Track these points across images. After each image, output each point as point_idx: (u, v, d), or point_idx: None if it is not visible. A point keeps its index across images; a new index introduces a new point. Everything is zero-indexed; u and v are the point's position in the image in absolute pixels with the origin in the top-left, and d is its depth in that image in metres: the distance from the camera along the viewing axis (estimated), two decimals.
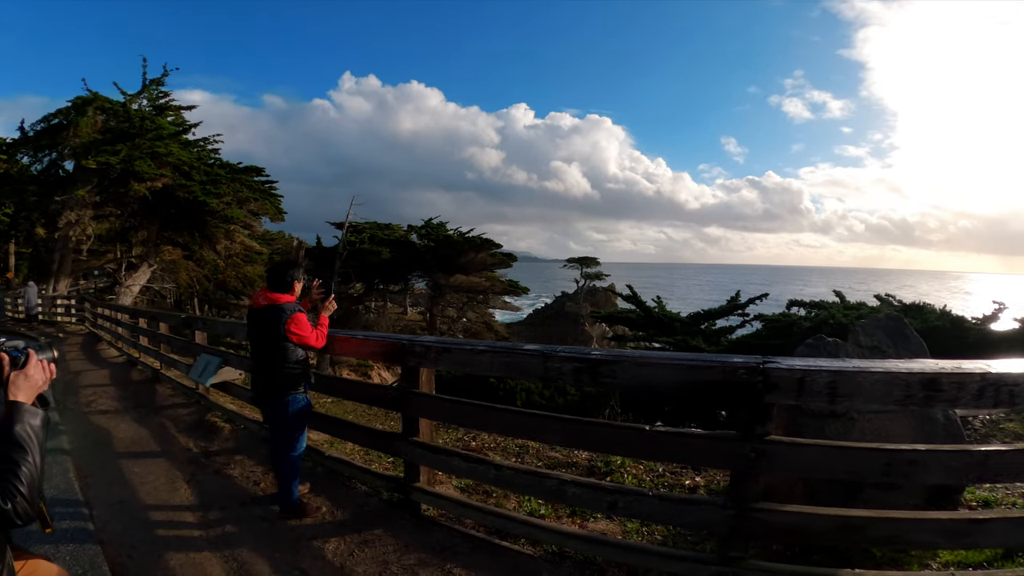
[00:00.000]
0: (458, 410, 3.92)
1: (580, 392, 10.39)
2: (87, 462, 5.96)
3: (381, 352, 4.63)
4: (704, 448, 2.84)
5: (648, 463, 4.99)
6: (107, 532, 4.29)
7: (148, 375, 10.61)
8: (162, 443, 6.59)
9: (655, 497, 2.94)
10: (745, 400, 2.67)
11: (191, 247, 27.30)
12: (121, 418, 7.76)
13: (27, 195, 26.04)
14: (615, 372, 2.90)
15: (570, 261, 64.31)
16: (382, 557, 3.66)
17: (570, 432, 3.20)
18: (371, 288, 36.98)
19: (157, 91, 25.73)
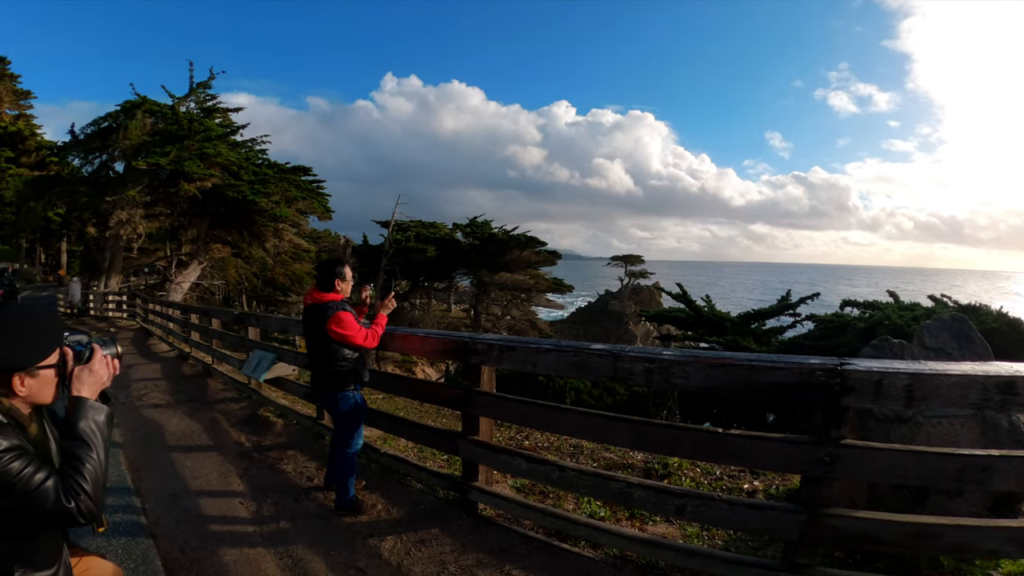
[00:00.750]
0: (521, 410, 3.84)
1: (629, 392, 10.32)
2: (140, 455, 6.04)
3: (442, 350, 4.55)
4: (778, 452, 2.75)
5: (705, 466, 4.88)
6: (160, 526, 4.32)
7: (200, 370, 10.82)
8: (214, 437, 6.64)
9: (724, 501, 2.85)
10: (821, 402, 2.57)
11: (240, 245, 27.95)
12: (173, 412, 7.87)
13: (78, 196, 26.89)
14: (688, 373, 2.82)
15: (614, 259, 64.15)
16: (439, 557, 3.62)
17: (636, 434, 3.11)
18: (416, 285, 37.32)
19: (204, 94, 26.45)
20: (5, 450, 1.56)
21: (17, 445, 1.60)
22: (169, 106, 25.20)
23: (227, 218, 26.38)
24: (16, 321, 1.73)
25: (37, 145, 39.91)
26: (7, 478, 1.54)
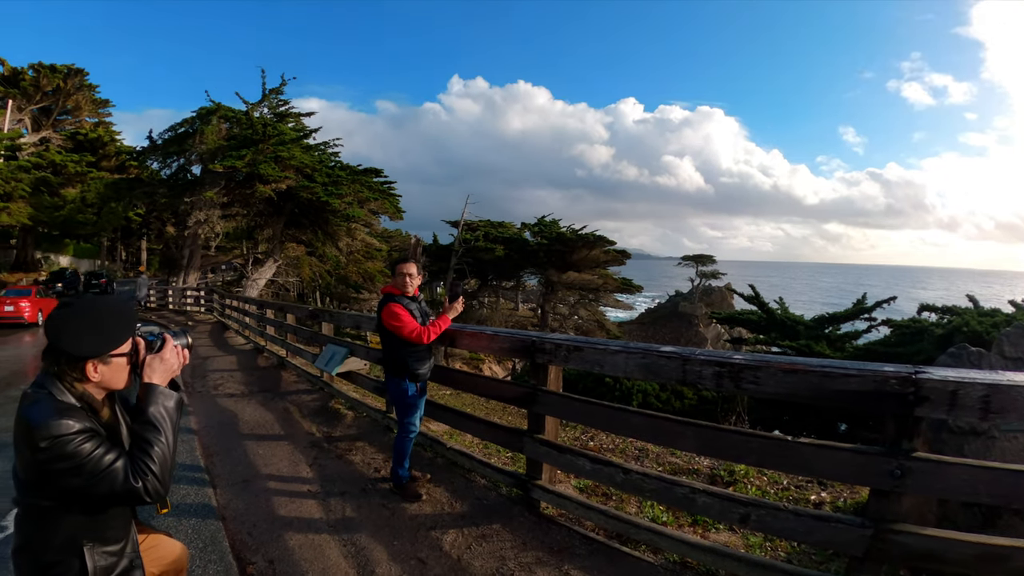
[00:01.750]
0: (587, 410, 3.82)
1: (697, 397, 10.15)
2: (213, 442, 6.28)
3: (510, 348, 4.54)
4: (847, 462, 2.64)
5: (772, 475, 4.75)
6: (229, 509, 4.48)
7: (274, 362, 11.19)
8: (286, 427, 6.84)
9: (790, 511, 2.77)
10: (893, 412, 2.48)
11: (314, 244, 28.81)
12: (247, 402, 8.15)
13: (157, 197, 28.30)
14: (759, 378, 2.76)
15: (684, 259, 62.61)
16: (499, 553, 3.64)
17: (705, 439, 3.06)
18: (484, 284, 37.53)
19: (276, 99, 27.52)
20: (77, 432, 1.67)
21: (89, 428, 1.72)
22: (243, 111, 26.31)
23: (302, 218, 27.27)
24: (89, 313, 1.84)
25: (117, 150, 42.35)
26: (78, 458, 1.65)
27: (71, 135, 42.73)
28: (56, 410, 1.69)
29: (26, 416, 1.68)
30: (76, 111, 44.73)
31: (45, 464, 1.65)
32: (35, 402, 1.72)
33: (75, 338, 1.77)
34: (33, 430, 1.64)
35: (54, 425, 1.65)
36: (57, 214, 31.87)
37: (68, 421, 1.67)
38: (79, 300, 1.87)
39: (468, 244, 32.17)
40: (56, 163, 34.60)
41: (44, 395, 1.74)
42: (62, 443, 1.64)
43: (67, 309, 1.83)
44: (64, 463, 1.65)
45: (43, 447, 1.63)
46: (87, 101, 44.61)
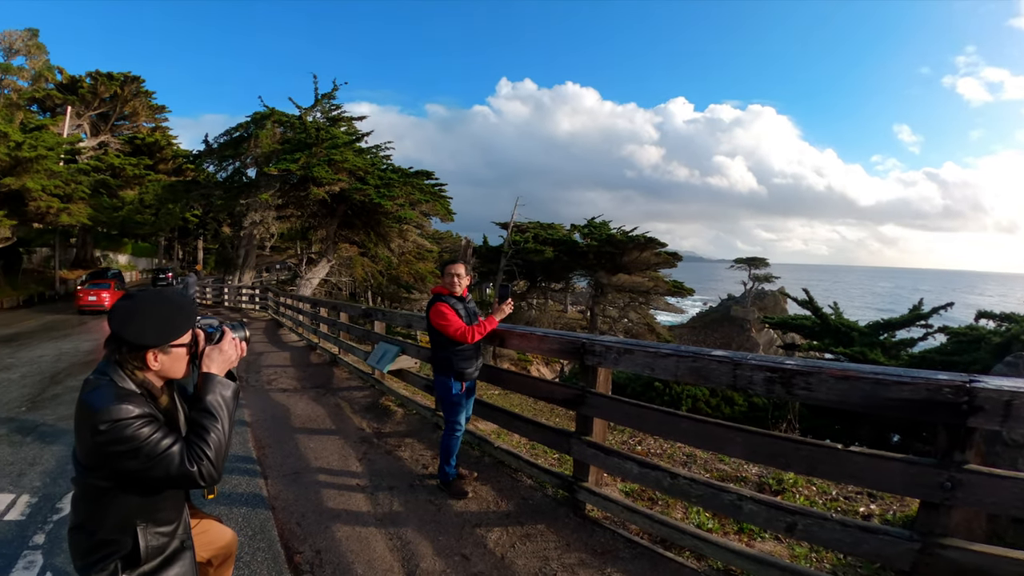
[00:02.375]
0: (636, 413, 3.77)
1: (748, 403, 9.99)
2: (266, 435, 6.45)
3: (560, 349, 4.52)
4: (897, 472, 2.57)
5: (821, 484, 4.65)
6: (279, 500, 4.61)
7: (326, 359, 11.41)
8: (337, 422, 6.98)
9: (837, 522, 2.70)
10: (946, 422, 2.41)
11: (367, 245, 29.37)
12: (299, 396, 8.33)
13: (214, 198, 29.22)
14: (811, 384, 2.71)
15: (737, 261, 61.54)
16: (543, 553, 3.65)
17: (753, 445, 3.01)
18: (534, 285, 37.54)
19: (329, 104, 28.22)
20: (136, 417, 1.74)
21: (148, 413, 1.79)
22: (296, 116, 27.00)
23: (354, 219, 27.85)
24: (152, 304, 1.92)
25: (173, 154, 43.79)
26: (136, 442, 1.72)
27: (129, 139, 44.35)
28: (116, 395, 1.77)
29: (87, 401, 1.76)
30: (133, 116, 46.50)
31: (104, 447, 1.72)
32: (96, 388, 1.79)
33: (138, 328, 1.85)
34: (94, 414, 1.72)
35: (114, 410, 1.72)
36: (116, 215, 32.96)
37: (127, 406, 1.75)
38: (142, 292, 1.96)
39: (517, 246, 32.29)
40: (115, 166, 36.02)
41: (105, 381, 1.81)
42: (121, 427, 1.71)
43: (131, 300, 1.92)
44: (122, 446, 1.72)
45: (103, 430, 1.70)
46: (144, 107, 46.32)
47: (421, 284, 32.34)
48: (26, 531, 4.13)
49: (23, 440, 6.28)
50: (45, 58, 45.68)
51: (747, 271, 59.97)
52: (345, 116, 29.14)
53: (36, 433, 6.56)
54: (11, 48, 44.04)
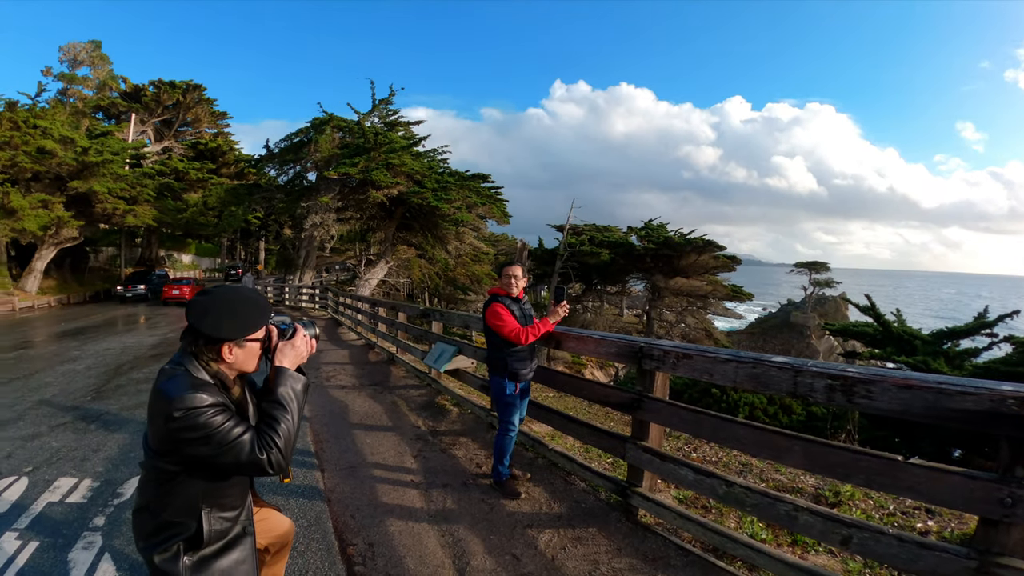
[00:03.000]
0: (693, 418, 3.72)
1: (806, 413, 9.76)
2: (324, 429, 6.61)
3: (617, 353, 4.48)
4: (957, 486, 2.48)
5: (878, 499, 4.52)
6: (335, 493, 4.72)
7: (384, 357, 11.64)
8: (393, 419, 7.10)
9: (894, 536, 2.62)
10: (1008, 435, 2.33)
11: (424, 247, 29.92)
12: (357, 393, 8.50)
13: (275, 201, 30.13)
14: (872, 393, 2.65)
15: (797, 266, 60.34)
16: (593, 556, 3.65)
17: (812, 454, 2.95)
18: (589, 288, 37.38)
19: (386, 109, 28.83)
20: (209, 405, 1.82)
21: (221, 402, 1.87)
22: (355, 121, 27.65)
23: (412, 222, 28.35)
24: (229, 300, 1.99)
25: (235, 158, 45.45)
26: (208, 429, 1.81)
27: (192, 145, 46.16)
28: (191, 385, 1.84)
29: (163, 389, 1.84)
30: (196, 123, 48.43)
31: (177, 433, 1.80)
32: (172, 377, 1.87)
33: (215, 322, 1.93)
34: (169, 402, 1.80)
35: (188, 398, 1.80)
36: (180, 216, 34.30)
37: (202, 395, 1.83)
38: (220, 288, 2.03)
39: (573, 248, 32.21)
40: (178, 170, 37.46)
41: (181, 371, 1.90)
42: (195, 415, 1.79)
43: (208, 296, 1.99)
44: (195, 433, 1.80)
45: (177, 417, 1.78)
46: (206, 113, 48.17)
47: (477, 286, 32.62)
48: (87, 513, 4.33)
49: (87, 427, 6.59)
50: (109, 68, 48.04)
51: (807, 276, 58.55)
52: (402, 121, 29.68)
53: (100, 421, 6.87)
54: (75, 59, 46.46)
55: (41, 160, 24.73)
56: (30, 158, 24.35)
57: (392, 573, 3.51)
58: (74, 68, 46.87)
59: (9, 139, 24.32)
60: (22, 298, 24.74)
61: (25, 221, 23.91)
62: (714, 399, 10.22)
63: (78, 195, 26.71)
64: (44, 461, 5.47)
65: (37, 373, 9.96)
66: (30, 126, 25.31)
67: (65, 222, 25.79)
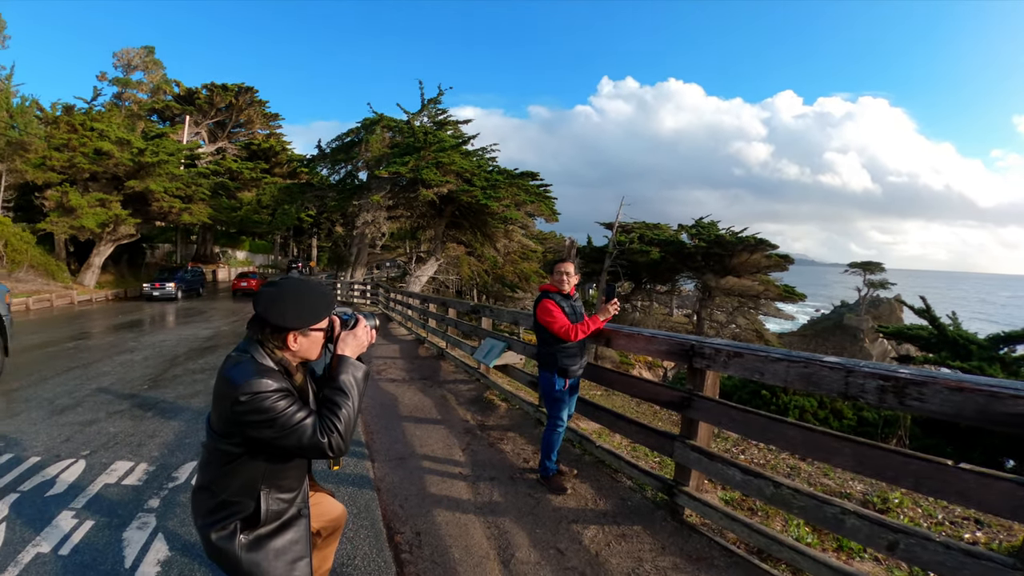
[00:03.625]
0: (743, 418, 3.67)
1: (857, 418, 9.56)
2: (375, 421, 6.75)
3: (668, 351, 4.45)
4: (1006, 494, 2.41)
5: (927, 507, 4.46)
6: (384, 482, 4.83)
7: (434, 352, 11.77)
8: (442, 412, 7.20)
9: (940, 543, 2.56)
10: None
11: (473, 245, 30.14)
12: (407, 387, 8.65)
13: (327, 200, 30.82)
14: (924, 395, 2.61)
15: (851, 266, 58.37)
16: (637, 554, 3.66)
17: (862, 456, 2.90)
18: (638, 287, 37.08)
19: (435, 109, 29.20)
20: (274, 390, 1.90)
21: (284, 387, 1.95)
22: (404, 121, 28.06)
23: (462, 220, 28.63)
24: (295, 291, 2.07)
25: (288, 158, 46.56)
26: (272, 413, 1.88)
27: (245, 145, 47.48)
28: (256, 371, 1.92)
29: (229, 375, 1.92)
30: (248, 124, 49.63)
31: (242, 416, 1.88)
32: (238, 363, 1.96)
33: (282, 312, 2.00)
34: (235, 387, 1.87)
35: (254, 383, 1.88)
36: (234, 214, 35.31)
37: (266, 380, 1.90)
38: (287, 280, 2.10)
39: (622, 246, 32.02)
40: (232, 170, 38.54)
41: (247, 358, 1.98)
42: (260, 399, 1.87)
43: (276, 287, 2.06)
44: (259, 416, 1.88)
45: (243, 401, 1.86)
46: (258, 115, 49.37)
47: (525, 283, 32.65)
48: (142, 495, 4.51)
49: (144, 415, 6.85)
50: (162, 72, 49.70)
51: (861, 276, 56.72)
52: (451, 120, 29.99)
53: (156, 409, 7.13)
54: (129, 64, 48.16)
55: (98, 161, 25.80)
56: (87, 159, 25.43)
57: (438, 562, 3.57)
58: (128, 73, 48.64)
59: (67, 141, 25.52)
60: (80, 292, 25.70)
61: (83, 219, 24.89)
62: (764, 401, 10.09)
63: (135, 194, 27.74)
64: (101, 445, 5.70)
65: (95, 363, 10.33)
66: (87, 129, 26.46)
67: (122, 220, 26.79)
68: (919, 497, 4.61)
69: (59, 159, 24.96)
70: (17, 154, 24.74)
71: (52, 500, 4.40)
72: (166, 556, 3.60)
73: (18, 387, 8.15)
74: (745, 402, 9.81)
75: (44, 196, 25.12)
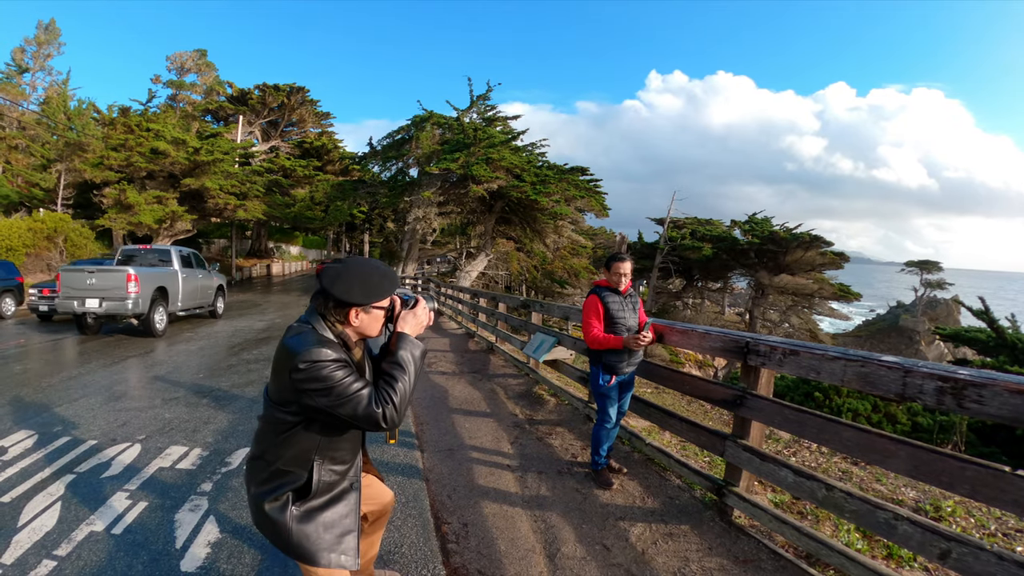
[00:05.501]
0: (797, 418, 3.60)
1: (911, 423, 9.31)
2: (424, 413, 6.87)
3: (722, 348, 4.38)
4: None
5: (980, 518, 4.33)
6: (433, 473, 4.92)
7: (483, 346, 11.96)
8: (491, 406, 7.28)
9: (993, 554, 2.51)
10: None
11: (522, 240, 30.33)
12: (457, 380, 8.77)
13: (379, 196, 31.27)
14: (983, 397, 2.54)
15: (908, 265, 56.24)
16: (683, 553, 3.66)
17: (917, 460, 2.84)
18: (690, 284, 36.61)
19: (484, 105, 29.27)
20: (333, 360, 1.95)
21: (342, 358, 2.00)
22: (454, 118, 28.17)
23: (511, 215, 28.72)
24: (360, 268, 2.12)
25: (340, 156, 47.22)
26: (331, 381, 1.93)
27: (298, 144, 48.29)
28: (316, 341, 1.98)
29: (289, 344, 1.99)
30: (300, 123, 50.46)
31: (300, 383, 1.93)
32: (299, 333, 2.02)
33: (346, 288, 2.05)
34: (294, 355, 1.93)
35: (314, 352, 1.93)
36: (288, 211, 35.95)
37: (326, 350, 1.95)
38: (353, 258, 2.18)
39: (674, 242, 31.64)
40: (285, 168, 39.15)
41: (308, 329, 2.04)
42: (318, 367, 1.92)
43: (342, 264, 2.13)
44: (317, 384, 1.92)
45: (302, 368, 1.91)
46: (310, 114, 50.11)
47: (575, 279, 32.55)
48: (195, 479, 4.67)
49: (199, 402, 7.07)
50: (215, 74, 51.09)
51: (918, 276, 54.77)
52: (500, 116, 30.05)
53: (211, 397, 7.35)
54: (182, 67, 49.68)
55: (155, 160, 26.60)
56: (144, 158, 26.24)
57: (484, 553, 3.62)
58: (181, 75, 50.17)
59: (124, 141, 26.36)
60: None
61: (141, 215, 25.68)
62: (816, 404, 9.90)
63: (191, 191, 28.53)
64: (156, 430, 5.92)
65: (151, 352, 10.72)
66: (143, 129, 27.28)
67: (179, 216, 27.53)
68: (973, 507, 4.50)
69: (116, 158, 25.81)
70: (76, 154, 25.82)
71: (107, 481, 4.59)
72: (217, 538, 3.72)
73: (77, 374, 8.49)
74: (798, 403, 9.63)
75: (103, 194, 25.98)
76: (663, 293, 35.67)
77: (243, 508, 4.13)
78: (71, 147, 25.51)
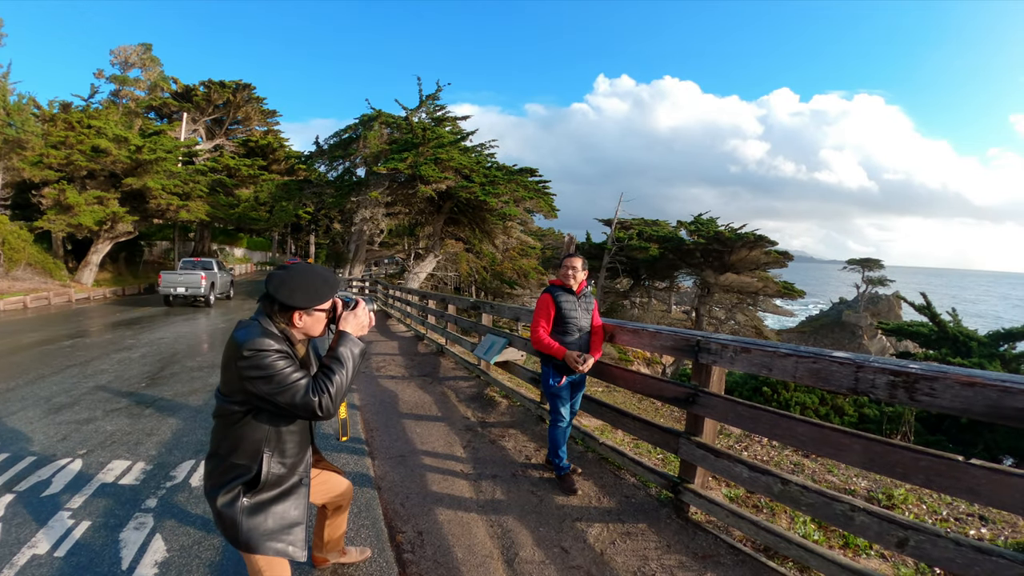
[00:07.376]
0: (751, 414, 3.61)
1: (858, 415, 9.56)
2: (374, 418, 6.73)
3: (673, 347, 4.39)
4: (1017, 489, 2.38)
5: (932, 504, 4.44)
6: (385, 480, 4.81)
7: (433, 349, 11.77)
8: (442, 409, 7.19)
9: (951, 540, 2.54)
10: None
11: (472, 241, 30.25)
12: (407, 384, 8.63)
13: (325, 196, 30.92)
14: (935, 390, 2.58)
15: (850, 263, 58.74)
16: (642, 552, 3.64)
17: (873, 452, 2.86)
18: (637, 283, 37.10)
19: (433, 105, 29.41)
20: (275, 350, 2.13)
21: (284, 350, 2.17)
22: (403, 117, 28.12)
23: (460, 216, 28.72)
24: (303, 275, 2.26)
25: (286, 155, 46.70)
26: (272, 369, 2.09)
27: (243, 142, 47.48)
28: (261, 332, 2.15)
29: (236, 335, 2.16)
30: (246, 121, 49.61)
31: (244, 371, 2.09)
32: (246, 327, 2.19)
33: (289, 293, 2.21)
34: (240, 345, 2.10)
35: (258, 342, 2.11)
36: (232, 211, 35.19)
37: (268, 340, 2.13)
38: (296, 265, 2.30)
39: (621, 243, 32.05)
40: (230, 167, 38.33)
41: (255, 323, 2.21)
42: (261, 356, 2.09)
43: (285, 270, 2.28)
44: (259, 372, 2.08)
45: (246, 356, 2.08)
46: (256, 112, 49.35)
47: (524, 280, 32.76)
48: (139, 495, 4.46)
49: (141, 412, 6.80)
50: (159, 70, 49.61)
51: (860, 273, 56.97)
52: (449, 116, 30.12)
53: (154, 407, 7.08)
54: (126, 62, 48.09)
55: (96, 158, 25.79)
56: (85, 156, 25.40)
57: (441, 561, 3.54)
58: (125, 70, 48.46)
59: (64, 139, 25.46)
60: (78, 290, 25.55)
61: (81, 217, 24.81)
62: (766, 398, 10.09)
63: (132, 191, 27.65)
64: (98, 444, 5.66)
65: (92, 360, 10.25)
66: (84, 126, 26.42)
67: (120, 217, 26.67)
68: (924, 494, 4.60)
69: (56, 157, 24.88)
70: (14, 152, 24.68)
71: (48, 500, 4.36)
72: (164, 557, 3.56)
73: (14, 385, 8.09)
74: (747, 398, 9.82)
75: (41, 194, 25.05)
76: (611, 292, 36.19)
77: (190, 525, 3.97)
78: (9, 144, 24.31)
